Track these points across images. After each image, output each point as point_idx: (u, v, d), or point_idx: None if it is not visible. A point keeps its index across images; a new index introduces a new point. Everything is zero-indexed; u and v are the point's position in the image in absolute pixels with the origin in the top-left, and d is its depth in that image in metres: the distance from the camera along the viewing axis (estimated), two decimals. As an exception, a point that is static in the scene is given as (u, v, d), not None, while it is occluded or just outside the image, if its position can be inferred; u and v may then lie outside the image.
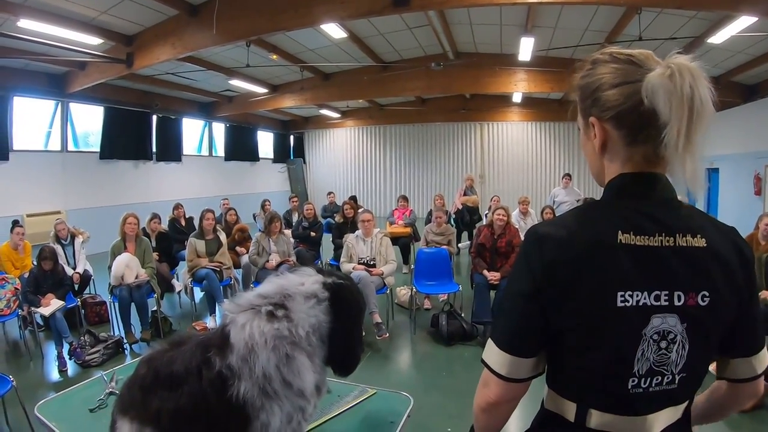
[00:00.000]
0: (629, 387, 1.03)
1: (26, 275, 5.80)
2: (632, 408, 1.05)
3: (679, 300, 1.00)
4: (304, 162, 21.74)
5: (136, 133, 13.42)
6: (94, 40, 8.78)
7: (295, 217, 9.64)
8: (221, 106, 16.01)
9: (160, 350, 1.20)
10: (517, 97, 16.47)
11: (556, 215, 6.84)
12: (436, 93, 16.20)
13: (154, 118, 14.12)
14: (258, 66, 11.24)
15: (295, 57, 12.07)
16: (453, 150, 20.01)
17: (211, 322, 6.18)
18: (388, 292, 6.13)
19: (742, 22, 7.78)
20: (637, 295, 0.99)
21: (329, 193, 13.05)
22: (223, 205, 9.75)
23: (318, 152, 21.80)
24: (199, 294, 6.98)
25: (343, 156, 21.19)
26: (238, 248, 7.67)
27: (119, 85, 12.36)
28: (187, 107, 15.46)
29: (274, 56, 11.43)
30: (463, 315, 5.88)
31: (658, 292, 1.00)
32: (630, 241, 1.00)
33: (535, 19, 9.56)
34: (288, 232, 7.78)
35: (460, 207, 10.95)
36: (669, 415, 1.08)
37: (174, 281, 7.33)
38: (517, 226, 7.39)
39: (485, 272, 5.85)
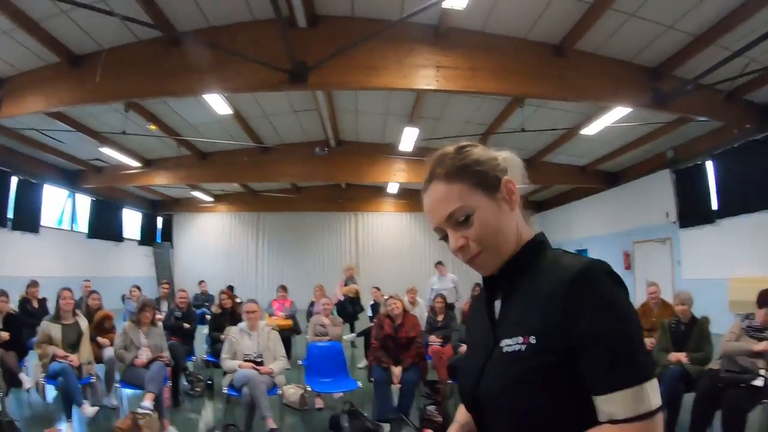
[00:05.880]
0: None
1: None
2: None
3: None
4: (172, 246, 20.71)
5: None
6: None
7: (164, 306, 8.84)
8: (89, 176, 14.85)
9: None
10: (392, 188, 17.04)
11: (442, 301, 7.29)
12: (316, 179, 16.43)
13: (14, 180, 12.82)
14: (134, 134, 10.75)
15: (174, 130, 11.72)
16: (328, 240, 20.21)
17: (67, 430, 5.09)
18: (279, 392, 5.41)
19: (616, 113, 8.72)
20: None
21: (200, 282, 12.45)
22: (85, 287, 8.85)
23: (187, 237, 20.95)
24: (53, 392, 5.78)
25: (214, 242, 20.51)
26: (100, 339, 6.63)
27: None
28: (50, 173, 14.18)
29: (153, 126, 10.97)
30: (366, 414, 5.30)
31: None
32: None
33: (420, 110, 10.17)
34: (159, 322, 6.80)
35: (342, 298, 10.63)
36: None
37: (22, 375, 6.06)
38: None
39: (393, 368, 5.51)
